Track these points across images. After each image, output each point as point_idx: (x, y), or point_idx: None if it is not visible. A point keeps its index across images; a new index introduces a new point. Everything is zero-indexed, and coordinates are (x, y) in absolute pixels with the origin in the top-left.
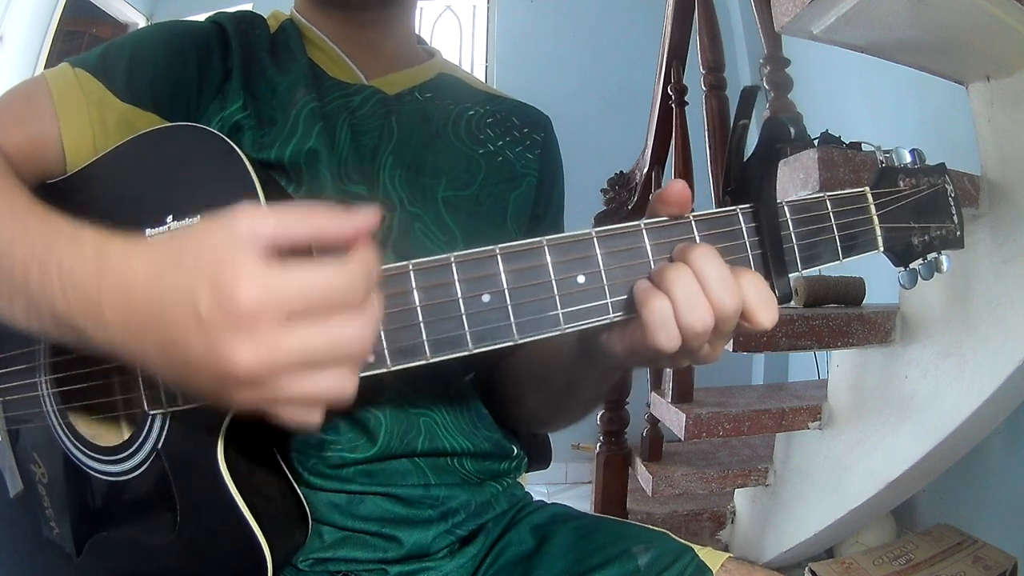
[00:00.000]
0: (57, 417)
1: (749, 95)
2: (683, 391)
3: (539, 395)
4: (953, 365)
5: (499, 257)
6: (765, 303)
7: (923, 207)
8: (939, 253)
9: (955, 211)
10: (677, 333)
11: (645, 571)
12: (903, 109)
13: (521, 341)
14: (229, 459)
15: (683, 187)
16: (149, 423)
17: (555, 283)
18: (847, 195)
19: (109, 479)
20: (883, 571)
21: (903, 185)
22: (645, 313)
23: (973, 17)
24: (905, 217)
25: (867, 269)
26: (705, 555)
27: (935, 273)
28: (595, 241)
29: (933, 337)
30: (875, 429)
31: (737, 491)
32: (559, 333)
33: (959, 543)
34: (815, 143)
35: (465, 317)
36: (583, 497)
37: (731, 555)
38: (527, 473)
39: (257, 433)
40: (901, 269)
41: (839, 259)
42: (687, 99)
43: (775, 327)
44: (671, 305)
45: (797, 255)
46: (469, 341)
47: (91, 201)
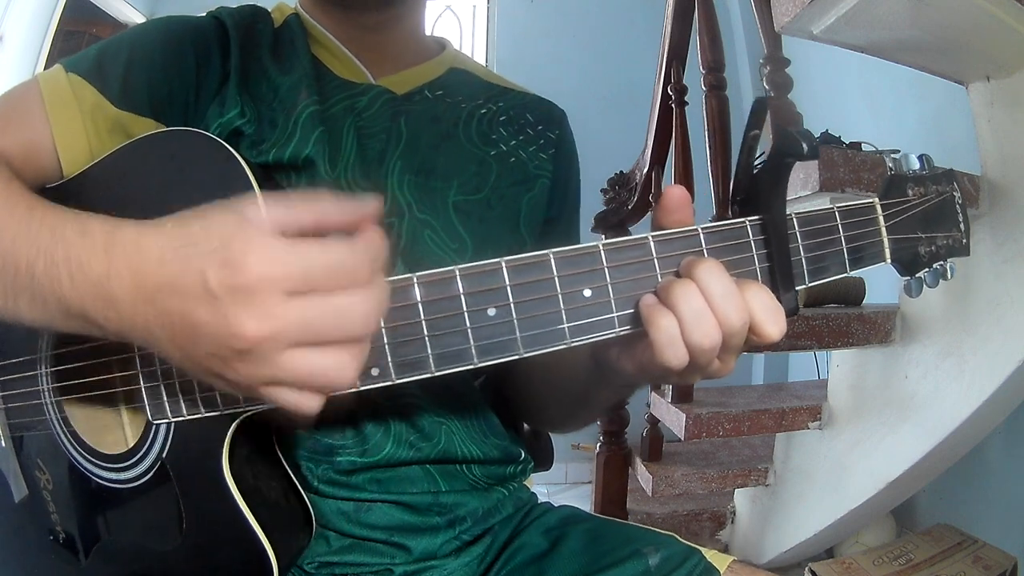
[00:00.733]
0: (61, 424)
1: (760, 107)
2: (683, 391)
3: (553, 406)
4: (953, 365)
5: (505, 270)
6: (772, 316)
7: (931, 216)
8: (945, 261)
9: (962, 219)
10: (685, 351)
11: (656, 571)
12: (903, 109)
13: (527, 355)
14: (234, 467)
15: (681, 192)
16: (154, 432)
17: (561, 297)
18: (856, 207)
19: (114, 486)
20: (883, 571)
21: (912, 194)
22: (652, 332)
23: (973, 17)
24: (913, 227)
25: (867, 269)
26: (711, 558)
27: (940, 281)
28: (602, 254)
29: (933, 337)
30: (875, 429)
31: (737, 491)
32: (565, 347)
33: (959, 543)
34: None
35: (470, 331)
36: (583, 497)
37: (736, 558)
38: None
39: (262, 437)
40: (907, 278)
41: (846, 272)
42: (687, 99)
43: None
44: (678, 323)
45: (805, 268)
46: (474, 355)
47: (88, 207)
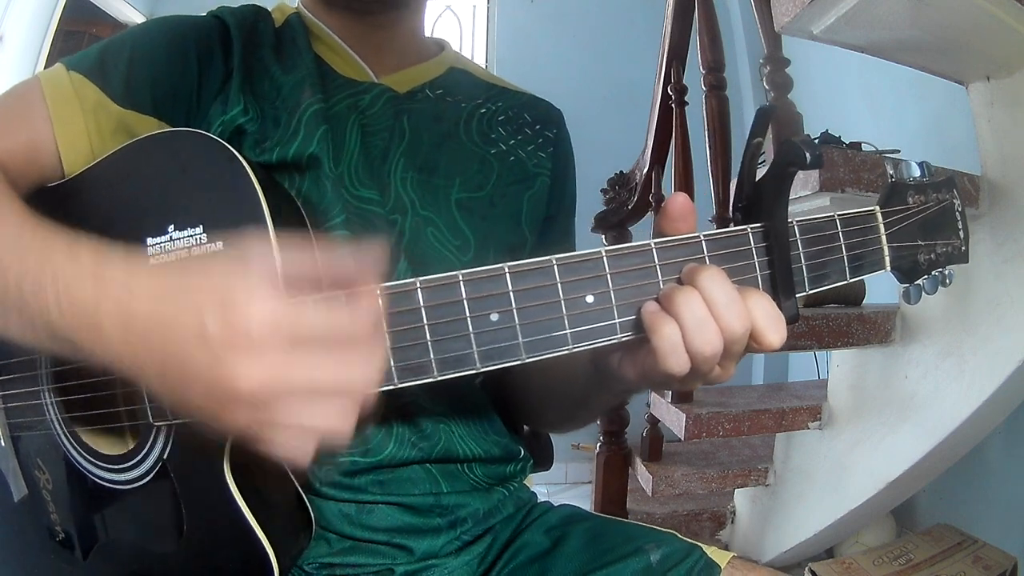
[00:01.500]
0: (61, 425)
1: (765, 114)
2: (683, 391)
3: (552, 408)
4: (953, 365)
5: (508, 276)
6: (773, 324)
7: (931, 224)
8: (944, 268)
9: (961, 226)
10: (687, 358)
11: (658, 567)
12: (903, 109)
13: (528, 360)
14: (235, 467)
15: (684, 200)
16: (154, 433)
17: (564, 303)
18: (857, 214)
19: (114, 487)
20: (883, 571)
21: (912, 202)
22: (654, 339)
23: (973, 17)
24: (913, 235)
25: (869, 274)
26: (712, 554)
27: (939, 288)
28: (604, 260)
29: (933, 337)
30: (875, 429)
31: (737, 491)
32: (567, 352)
33: (959, 543)
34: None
35: (473, 336)
36: (583, 497)
37: (736, 554)
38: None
39: None
40: (906, 285)
41: (846, 279)
42: (687, 99)
43: None
44: (680, 330)
45: (805, 275)
46: (477, 360)
47: (90, 207)
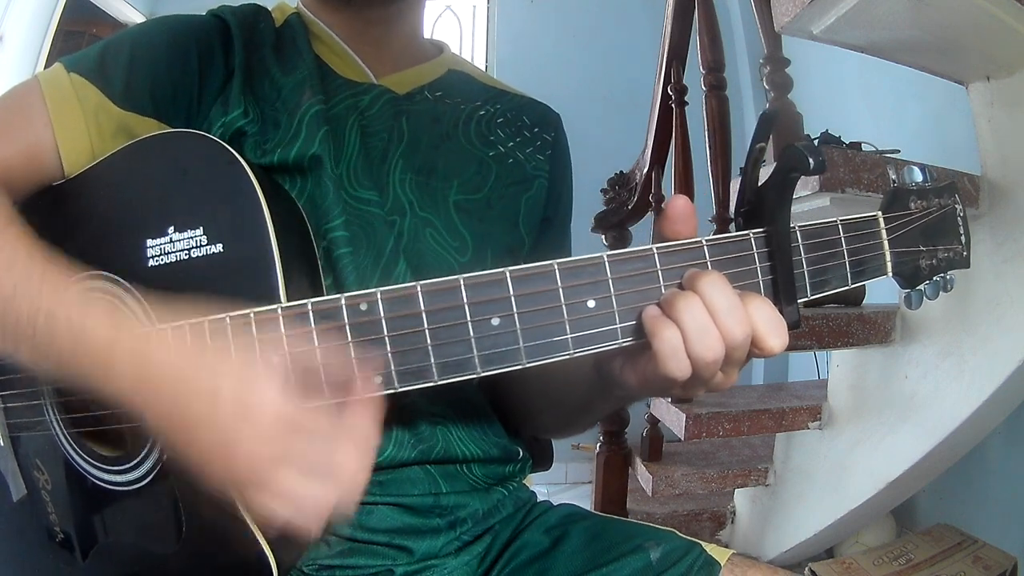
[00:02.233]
0: (60, 425)
1: (768, 119)
2: None
3: (549, 413)
4: (953, 365)
5: (509, 280)
6: (774, 330)
7: (932, 229)
8: (945, 273)
9: (963, 231)
10: (688, 363)
11: (658, 565)
12: (903, 109)
13: (529, 365)
14: None
15: (685, 203)
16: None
17: (565, 307)
18: (859, 220)
19: (114, 488)
20: (883, 571)
21: (914, 207)
22: (655, 343)
23: (973, 17)
24: (915, 240)
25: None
26: (711, 551)
27: (940, 292)
28: (606, 265)
29: (933, 337)
30: (875, 429)
31: (737, 491)
32: (568, 357)
33: (959, 543)
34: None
35: (474, 340)
36: (583, 497)
37: (735, 551)
38: (529, 474)
39: None
40: (907, 290)
41: (848, 284)
42: (687, 99)
43: None
44: (681, 335)
45: (807, 281)
46: (477, 364)
47: (90, 208)
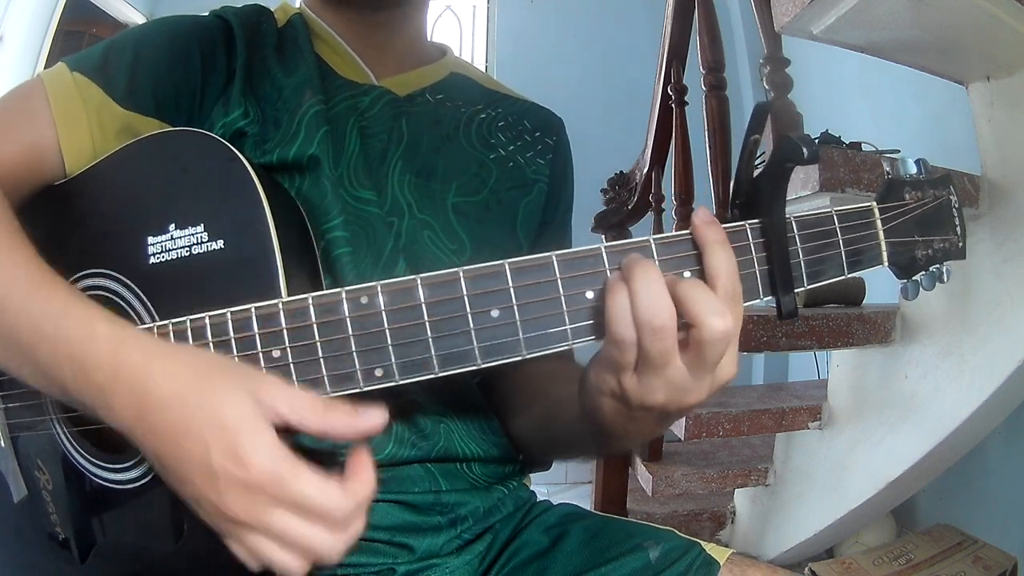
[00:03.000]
0: (60, 425)
1: (761, 111)
2: None
3: (539, 440)
4: (953, 365)
5: (508, 272)
6: (711, 308)
7: (927, 220)
8: (941, 264)
9: (958, 222)
10: (633, 330)
11: (656, 564)
12: (903, 109)
13: (529, 356)
14: None
15: (704, 213)
16: None
17: (564, 299)
18: (854, 210)
19: (115, 487)
20: (883, 571)
21: (909, 198)
22: (607, 300)
23: (973, 17)
24: (910, 231)
25: (867, 271)
26: (711, 550)
27: (937, 284)
28: (604, 257)
29: (933, 337)
30: (875, 429)
31: (737, 491)
32: (567, 347)
33: (959, 543)
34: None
35: (474, 332)
36: (583, 497)
37: (735, 551)
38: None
39: None
40: (904, 281)
41: (844, 274)
42: (687, 99)
43: (775, 327)
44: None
45: (803, 271)
46: (478, 356)
47: (92, 206)
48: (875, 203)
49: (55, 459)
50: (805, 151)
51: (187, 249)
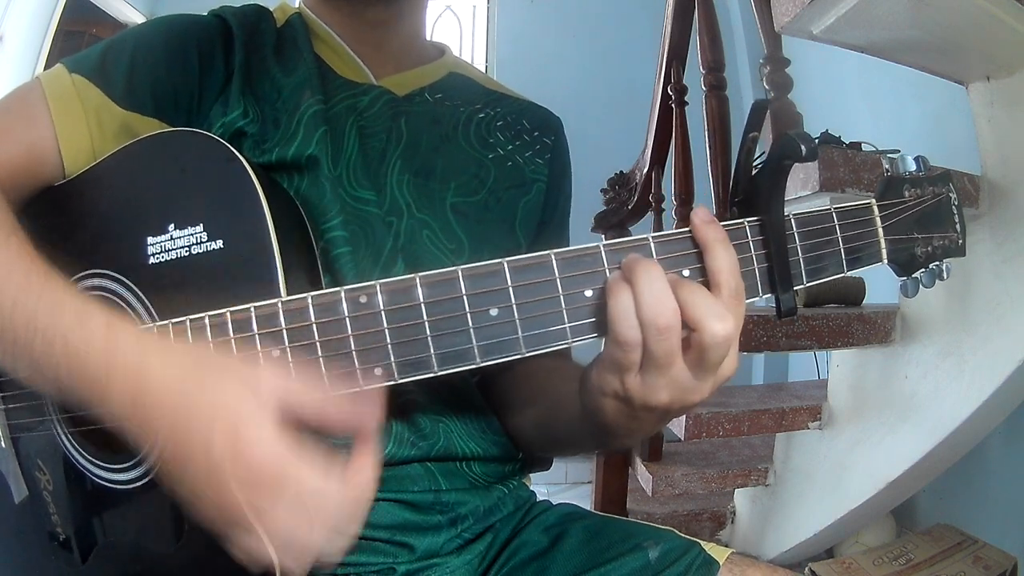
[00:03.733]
0: (61, 425)
1: (759, 109)
2: None
3: (540, 438)
4: (953, 365)
5: (507, 271)
6: (712, 312)
7: (927, 217)
8: (941, 262)
9: (958, 220)
10: (638, 331)
11: (656, 564)
12: (903, 109)
13: (528, 354)
14: None
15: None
16: None
17: (563, 297)
18: (853, 207)
19: (115, 487)
20: (883, 571)
21: (908, 195)
22: (610, 302)
23: (973, 17)
24: (909, 228)
25: (867, 269)
26: (710, 550)
27: (936, 281)
28: (603, 255)
29: (933, 337)
30: (875, 429)
31: (737, 491)
32: (566, 345)
33: (959, 543)
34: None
35: (473, 331)
36: (583, 497)
37: (734, 550)
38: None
39: None
40: (904, 278)
41: (844, 272)
42: (687, 99)
43: (775, 327)
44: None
45: (803, 268)
46: (477, 354)
47: (91, 207)
48: (874, 200)
49: (56, 460)
50: (803, 148)
51: (187, 249)
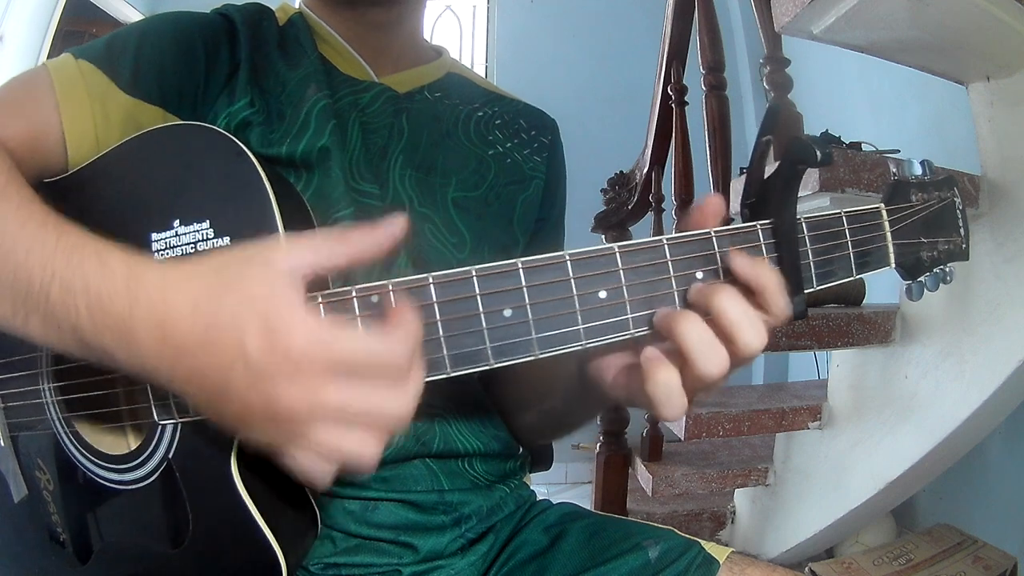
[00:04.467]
0: (62, 424)
1: (775, 113)
2: None
3: (537, 413)
4: (953, 365)
5: (521, 271)
6: (758, 336)
7: (932, 221)
8: (945, 266)
9: (962, 224)
10: (683, 402)
11: (656, 563)
12: (903, 109)
13: (542, 356)
14: (242, 466)
15: (720, 201)
16: (159, 432)
17: (577, 298)
18: (862, 212)
19: (118, 487)
20: (883, 571)
21: (915, 199)
22: (650, 387)
23: (973, 17)
24: (916, 232)
25: (872, 273)
26: (710, 549)
27: (940, 284)
28: (617, 256)
29: (933, 337)
30: (875, 429)
31: (737, 491)
32: (580, 348)
33: (959, 543)
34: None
35: (486, 331)
36: (583, 497)
37: (734, 549)
38: (529, 474)
39: None
40: (908, 282)
41: (852, 275)
42: (687, 99)
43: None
44: (678, 376)
45: (813, 272)
46: (490, 355)
47: (94, 201)
48: (883, 204)
49: (56, 459)
50: (819, 153)
51: (192, 246)
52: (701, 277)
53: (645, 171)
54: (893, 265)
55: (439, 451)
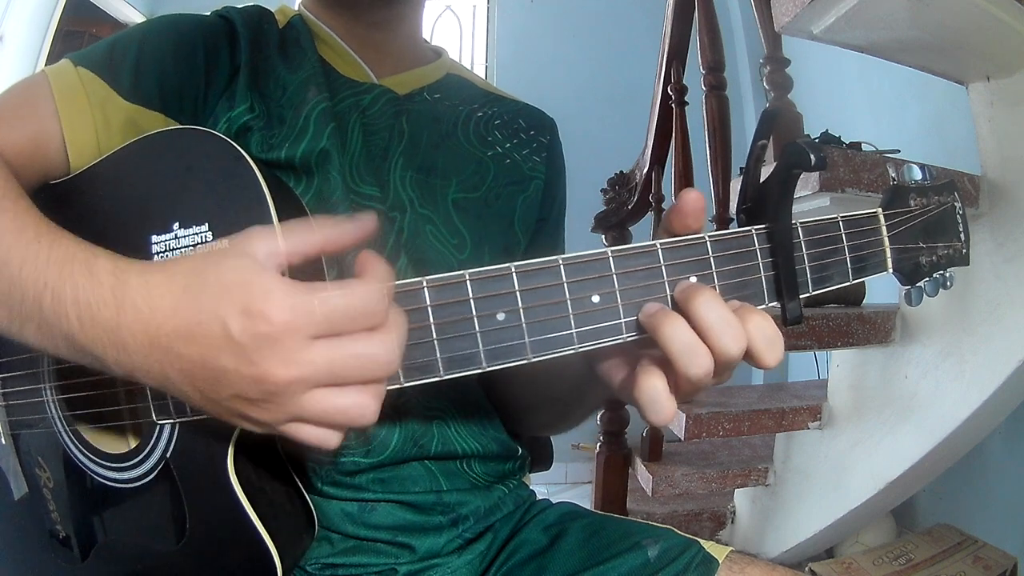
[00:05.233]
0: (62, 423)
1: (771, 117)
2: None
3: (543, 408)
4: (953, 365)
5: (514, 275)
6: (771, 346)
7: (932, 226)
8: (945, 271)
9: (962, 229)
10: (670, 407)
11: (655, 562)
12: (903, 109)
13: (535, 359)
14: (238, 467)
15: (697, 196)
16: (157, 431)
17: (570, 302)
18: (859, 216)
19: (117, 486)
20: (883, 571)
21: (914, 204)
22: (635, 392)
23: (973, 17)
24: (915, 237)
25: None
26: (710, 548)
27: (940, 290)
28: (611, 261)
29: (933, 337)
30: (875, 429)
31: (737, 491)
32: (572, 352)
33: (959, 543)
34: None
35: (479, 335)
36: (583, 497)
37: (733, 548)
38: (529, 474)
39: (266, 438)
40: (908, 287)
41: (849, 280)
42: (687, 99)
43: None
44: (663, 381)
45: (808, 277)
46: (483, 359)
47: (95, 205)
48: (880, 209)
49: (56, 457)
50: (813, 158)
51: (192, 248)
52: (694, 281)
53: (645, 171)
54: (891, 270)
55: (437, 453)
